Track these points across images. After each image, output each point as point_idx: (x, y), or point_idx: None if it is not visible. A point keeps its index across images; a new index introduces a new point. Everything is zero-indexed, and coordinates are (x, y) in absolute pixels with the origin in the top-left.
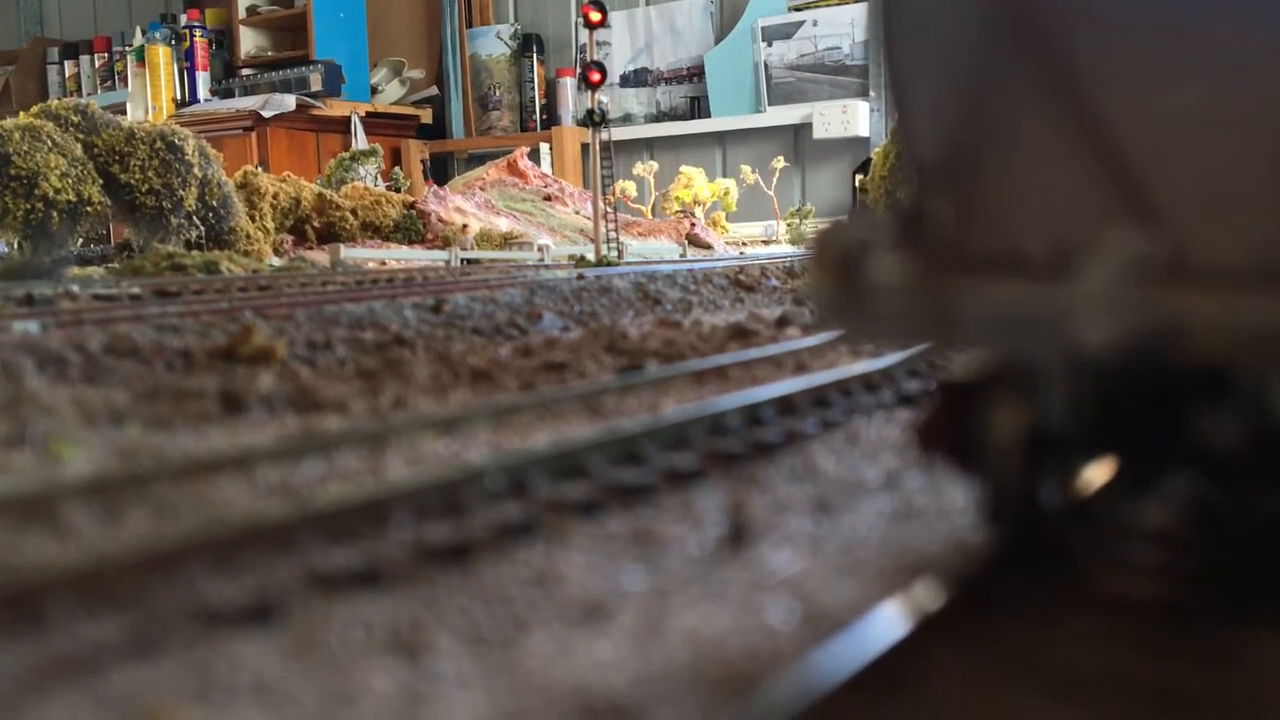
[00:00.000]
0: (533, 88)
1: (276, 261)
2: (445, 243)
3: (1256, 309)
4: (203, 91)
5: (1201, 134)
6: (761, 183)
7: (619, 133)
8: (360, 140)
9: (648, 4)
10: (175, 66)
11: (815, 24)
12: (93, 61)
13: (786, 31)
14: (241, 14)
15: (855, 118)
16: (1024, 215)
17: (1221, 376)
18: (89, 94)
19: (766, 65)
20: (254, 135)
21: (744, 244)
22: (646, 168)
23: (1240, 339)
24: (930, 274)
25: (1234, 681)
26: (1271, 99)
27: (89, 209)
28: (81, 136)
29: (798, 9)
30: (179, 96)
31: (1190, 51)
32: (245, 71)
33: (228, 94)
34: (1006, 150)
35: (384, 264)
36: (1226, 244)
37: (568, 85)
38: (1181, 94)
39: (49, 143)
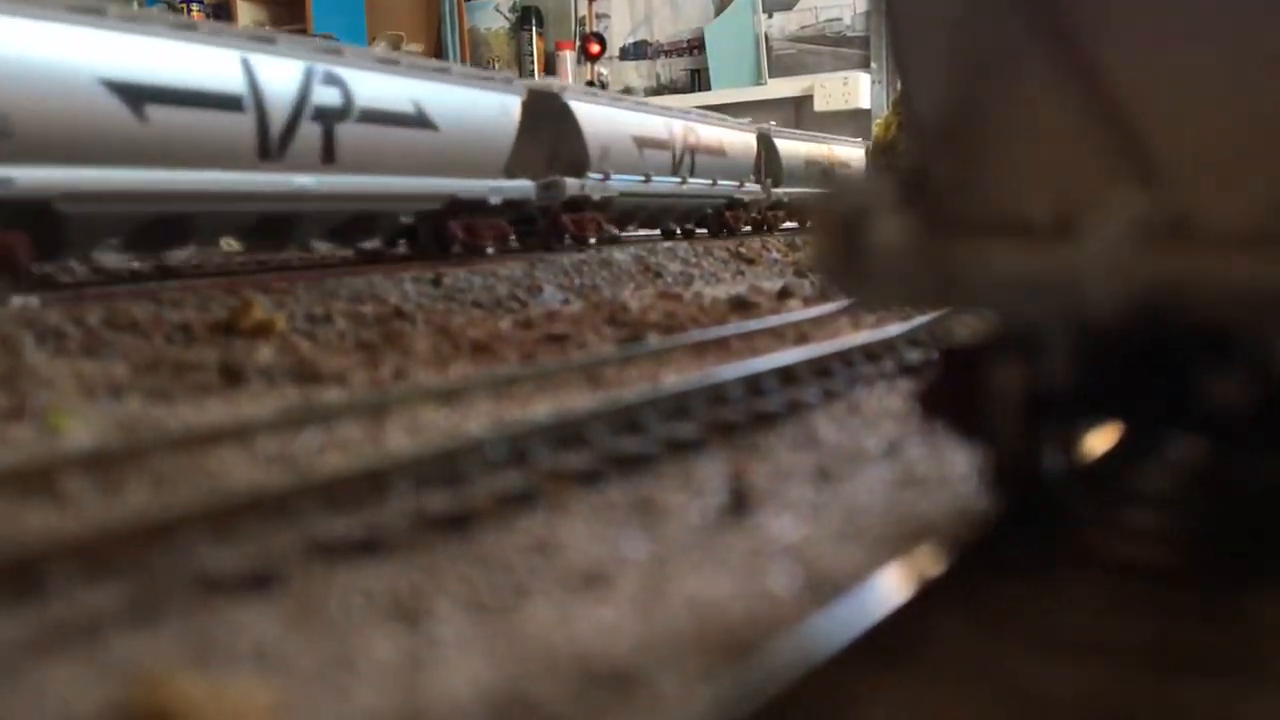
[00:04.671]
0: (532, 61)
1: None
2: None
3: (1259, 270)
4: None
5: (1205, 96)
6: None
7: None
8: None
9: None
10: None
11: None
12: None
13: (787, 3)
14: None
15: (856, 90)
16: (1026, 177)
17: (1224, 339)
18: None
19: (767, 37)
20: None
21: None
22: None
23: (1243, 300)
24: (933, 237)
25: (1235, 642)
26: (1275, 59)
27: None
28: None
29: None
30: None
31: (1195, 12)
32: None
33: None
34: (1009, 113)
35: None
36: (1229, 206)
37: (567, 58)
38: (1185, 55)
39: None
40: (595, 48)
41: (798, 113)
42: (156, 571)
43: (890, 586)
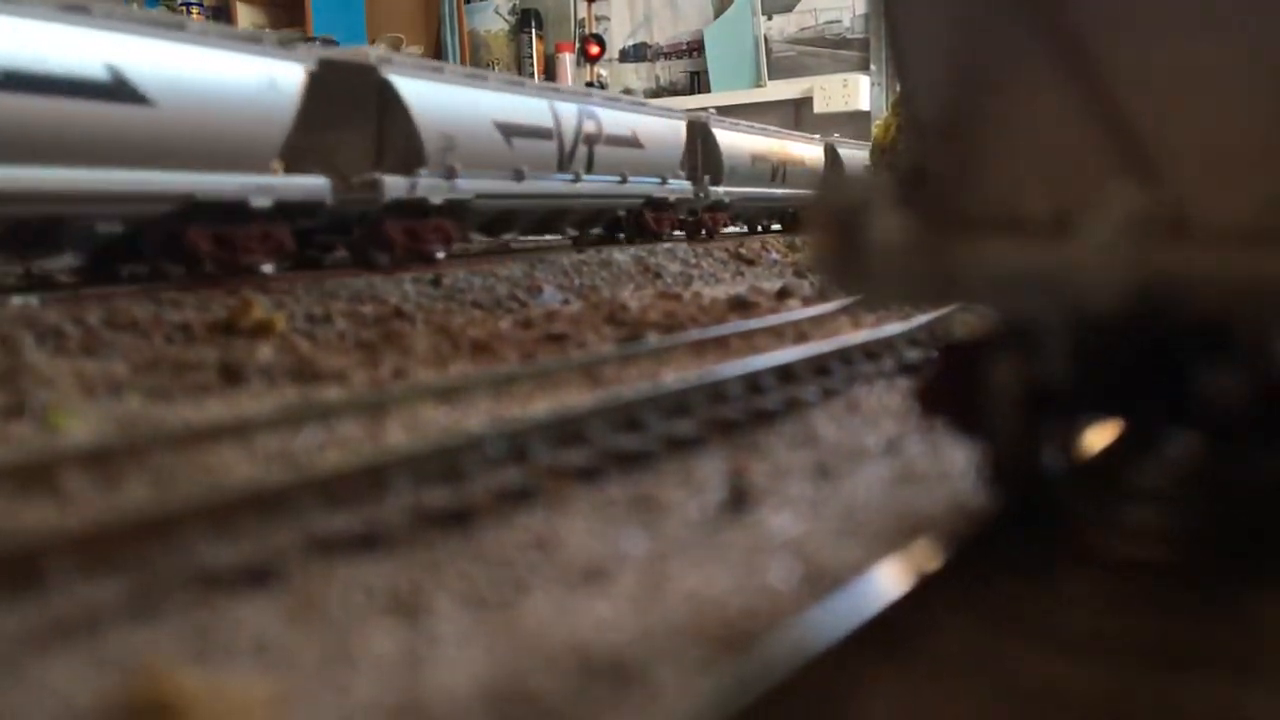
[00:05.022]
0: (531, 63)
1: None
2: None
3: (1256, 267)
4: None
5: (1203, 93)
6: None
7: None
8: None
9: None
10: None
11: None
12: None
13: (786, 5)
14: None
15: (856, 91)
16: (1025, 175)
17: (1222, 335)
18: None
19: (766, 39)
20: None
21: None
22: None
23: (1240, 297)
24: (931, 234)
25: (1234, 639)
26: (1273, 57)
27: None
28: None
29: None
30: None
31: (1193, 10)
32: None
33: None
34: (1008, 110)
35: None
36: (1227, 203)
37: (566, 60)
38: (1183, 53)
39: None
40: (595, 50)
41: (797, 114)
42: (156, 567)
43: (889, 581)
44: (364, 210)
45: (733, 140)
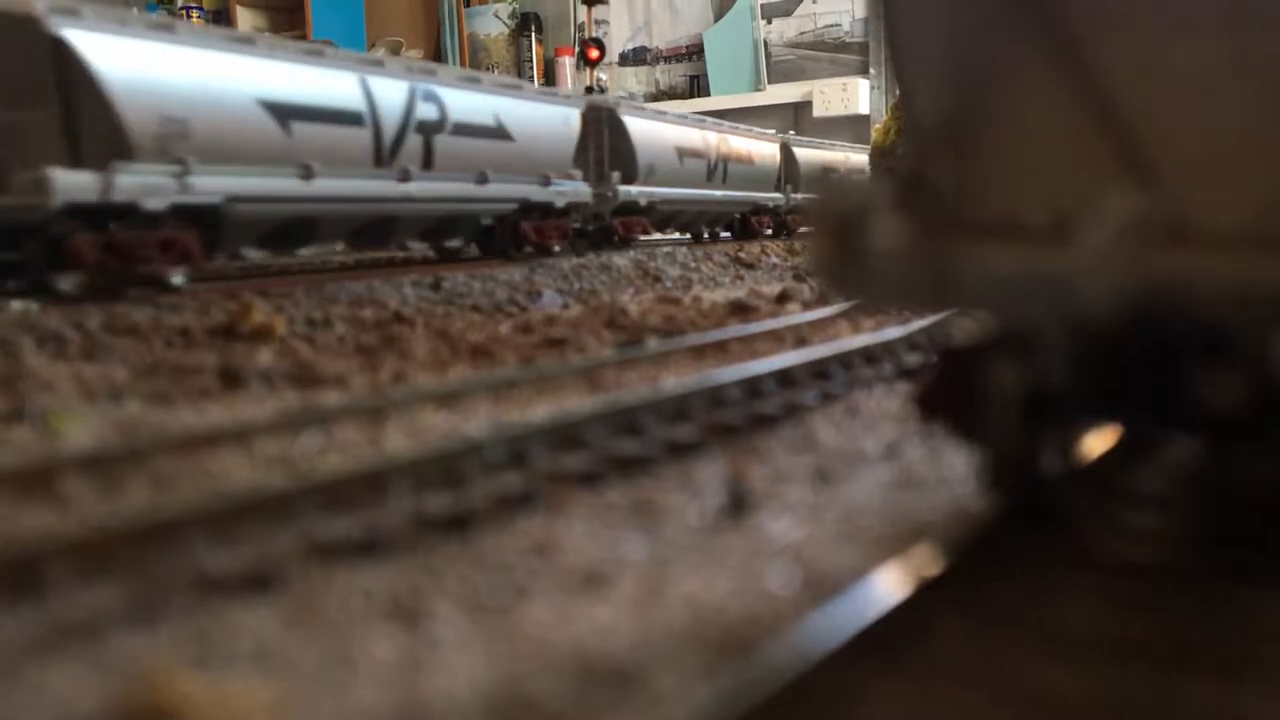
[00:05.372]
0: (531, 67)
1: None
2: None
3: (1255, 271)
4: None
5: (1202, 96)
6: None
7: None
8: None
9: None
10: None
11: (815, 1)
12: None
13: (786, 9)
14: None
15: (855, 95)
16: (1024, 179)
17: (1220, 339)
18: None
19: (766, 43)
20: None
21: None
22: None
23: (1239, 301)
24: (930, 238)
25: (1232, 640)
26: (1271, 60)
27: None
28: None
29: None
30: None
31: (1191, 12)
32: None
33: None
34: (1006, 114)
35: None
36: (1226, 207)
37: (566, 64)
38: (1182, 56)
39: None
40: (594, 53)
41: (797, 118)
42: (156, 572)
43: (889, 585)
44: (40, 220)
45: (651, 131)
